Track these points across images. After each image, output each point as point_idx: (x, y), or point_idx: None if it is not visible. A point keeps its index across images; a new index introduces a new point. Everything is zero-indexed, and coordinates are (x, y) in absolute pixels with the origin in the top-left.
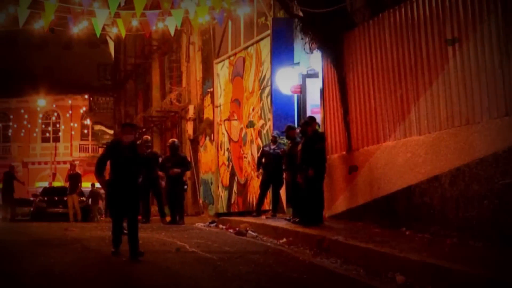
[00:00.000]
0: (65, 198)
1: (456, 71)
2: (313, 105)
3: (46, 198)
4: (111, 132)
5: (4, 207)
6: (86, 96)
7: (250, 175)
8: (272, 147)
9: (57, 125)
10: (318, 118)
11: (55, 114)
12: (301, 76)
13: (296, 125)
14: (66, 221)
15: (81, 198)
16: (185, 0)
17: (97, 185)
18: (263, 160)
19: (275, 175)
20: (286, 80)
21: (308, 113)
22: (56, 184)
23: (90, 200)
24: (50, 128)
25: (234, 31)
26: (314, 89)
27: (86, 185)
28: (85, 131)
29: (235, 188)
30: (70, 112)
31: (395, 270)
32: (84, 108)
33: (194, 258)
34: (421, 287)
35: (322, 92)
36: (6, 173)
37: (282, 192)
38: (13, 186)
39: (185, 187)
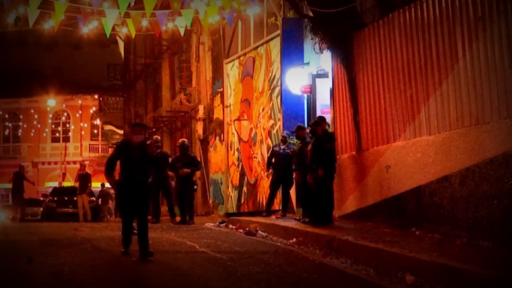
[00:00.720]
0: (75, 198)
1: (466, 71)
2: (323, 105)
3: (56, 198)
4: (121, 132)
5: (14, 207)
6: (96, 96)
7: (260, 175)
8: (282, 147)
9: (67, 125)
10: (328, 118)
11: (65, 114)
12: (311, 76)
13: (306, 125)
14: (76, 221)
15: (91, 198)
16: (195, 0)
17: (107, 185)
18: (273, 160)
19: (285, 175)
20: (296, 80)
21: (318, 113)
22: (66, 184)
23: (100, 200)
24: (60, 128)
25: (244, 31)
26: (324, 89)
27: (96, 185)
28: (95, 131)
29: (245, 188)
30: (80, 112)
31: (405, 270)
32: (94, 108)
33: (204, 258)
34: (431, 287)
35: (332, 92)
36: (16, 173)
37: (292, 192)
38: (23, 186)
39: (195, 187)
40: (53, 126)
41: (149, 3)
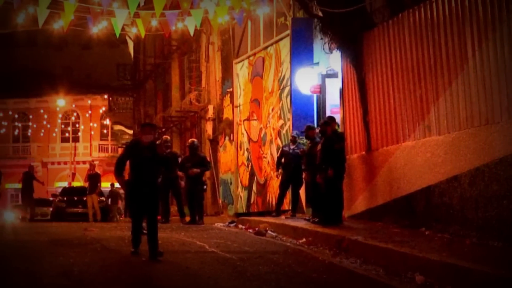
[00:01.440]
0: (85, 198)
1: (475, 71)
2: (333, 105)
3: (65, 198)
4: (131, 132)
5: (23, 207)
6: (106, 96)
7: (270, 175)
8: (292, 147)
9: (77, 125)
10: (338, 118)
11: (75, 114)
12: (321, 76)
13: (315, 125)
14: (85, 221)
15: (101, 198)
16: (204, 0)
17: (117, 185)
18: (283, 160)
19: (294, 175)
20: (305, 80)
21: (328, 113)
22: (76, 184)
23: (109, 200)
24: (69, 128)
25: (253, 31)
26: (333, 89)
27: (105, 185)
28: (105, 131)
29: (254, 188)
30: (90, 112)
31: (415, 270)
32: (103, 108)
33: (214, 258)
34: (440, 287)
35: (342, 92)
36: (25, 173)
37: (302, 192)
38: (33, 186)
39: (205, 187)
40: (62, 126)
41: (158, 3)
